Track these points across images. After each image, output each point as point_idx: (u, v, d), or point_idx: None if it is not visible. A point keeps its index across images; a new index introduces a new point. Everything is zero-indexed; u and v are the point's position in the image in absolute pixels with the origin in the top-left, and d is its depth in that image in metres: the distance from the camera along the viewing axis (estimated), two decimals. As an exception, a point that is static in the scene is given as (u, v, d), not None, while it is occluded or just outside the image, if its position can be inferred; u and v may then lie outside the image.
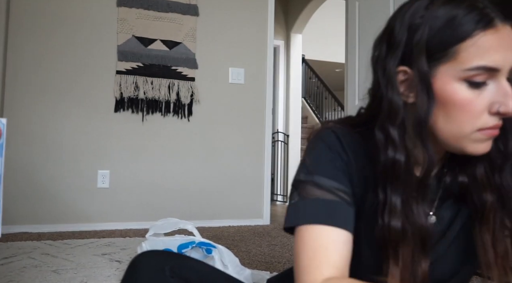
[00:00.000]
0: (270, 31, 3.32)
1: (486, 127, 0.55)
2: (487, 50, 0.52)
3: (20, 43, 2.70)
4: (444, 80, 0.55)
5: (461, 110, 0.54)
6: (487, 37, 0.52)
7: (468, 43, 0.52)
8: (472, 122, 0.54)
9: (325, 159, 0.62)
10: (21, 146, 2.67)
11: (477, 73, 0.53)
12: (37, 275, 1.68)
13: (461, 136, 0.56)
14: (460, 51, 0.53)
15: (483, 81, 0.54)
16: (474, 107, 0.54)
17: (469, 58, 0.53)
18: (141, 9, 2.96)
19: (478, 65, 0.52)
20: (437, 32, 0.54)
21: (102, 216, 2.82)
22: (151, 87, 2.95)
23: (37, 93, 2.73)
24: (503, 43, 0.53)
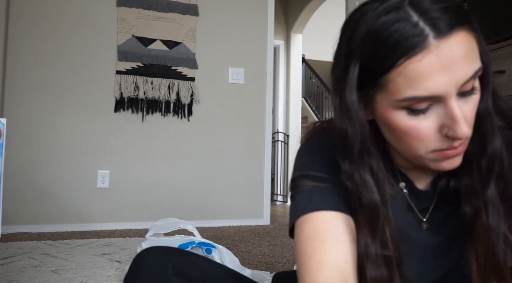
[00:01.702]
0: (270, 31, 3.31)
1: (441, 149, 0.50)
2: (415, 79, 0.46)
3: (19, 43, 2.69)
4: (383, 107, 0.51)
5: (407, 136, 0.51)
6: (413, 65, 0.45)
7: (393, 74, 0.47)
8: (423, 145, 0.51)
9: (317, 156, 0.61)
10: (21, 145, 2.67)
11: (412, 102, 0.48)
12: (36, 275, 1.68)
13: (417, 157, 0.53)
14: (388, 82, 0.48)
15: (425, 108, 0.49)
16: (419, 132, 0.50)
17: (398, 89, 0.47)
18: (141, 9, 2.95)
19: (409, 96, 0.47)
20: (366, 61, 0.50)
21: (102, 216, 2.81)
22: (151, 87, 2.95)
23: (37, 93, 2.72)
24: (437, 66, 0.45)
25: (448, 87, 0.46)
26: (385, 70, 0.48)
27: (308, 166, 0.61)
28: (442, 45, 0.45)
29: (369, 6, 0.50)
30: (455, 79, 0.46)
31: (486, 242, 0.54)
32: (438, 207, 0.61)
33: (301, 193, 0.59)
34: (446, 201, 0.60)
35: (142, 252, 0.71)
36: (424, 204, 0.62)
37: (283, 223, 3.23)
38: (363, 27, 0.49)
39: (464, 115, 0.48)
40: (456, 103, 0.48)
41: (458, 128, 0.47)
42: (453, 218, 0.61)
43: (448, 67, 0.45)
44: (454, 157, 0.52)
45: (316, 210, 0.55)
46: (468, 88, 0.49)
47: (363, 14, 0.50)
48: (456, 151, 0.51)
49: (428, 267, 0.62)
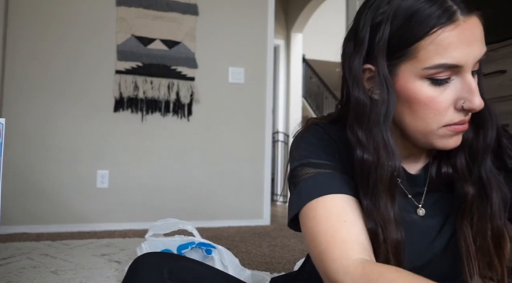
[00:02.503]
0: (270, 30, 3.31)
1: (452, 123, 0.54)
2: (446, 47, 0.51)
3: (18, 42, 2.69)
4: (406, 78, 0.54)
5: (425, 108, 0.54)
6: (446, 34, 0.51)
7: (426, 41, 0.51)
8: (437, 119, 0.54)
9: (315, 145, 0.63)
10: (20, 146, 2.66)
11: (438, 71, 0.52)
12: (35, 276, 1.67)
13: (428, 132, 0.56)
14: (419, 50, 0.52)
15: (446, 78, 0.53)
16: (438, 104, 0.53)
17: (428, 56, 0.51)
18: (140, 8, 2.94)
19: (438, 63, 0.51)
20: (396, 30, 0.53)
21: (101, 216, 2.81)
22: (150, 87, 2.94)
23: (36, 93, 2.72)
24: (464, 38, 0.51)
25: (469, 59, 0.51)
26: (418, 38, 0.51)
27: (308, 155, 0.62)
28: (467, 23, 0.51)
29: None
30: (474, 54, 0.52)
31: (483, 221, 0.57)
32: (430, 191, 0.64)
33: (305, 180, 0.59)
34: (438, 185, 0.64)
35: (139, 257, 0.72)
36: (418, 188, 0.64)
37: (284, 223, 3.22)
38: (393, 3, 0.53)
39: None
40: (472, 78, 0.53)
41: (475, 98, 0.52)
42: (444, 200, 0.64)
43: (470, 42, 0.51)
44: (460, 133, 0.56)
45: (327, 193, 0.56)
46: (477, 68, 0.54)
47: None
48: (464, 127, 0.55)
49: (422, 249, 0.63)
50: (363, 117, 0.56)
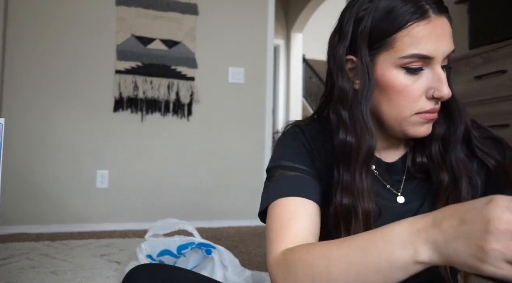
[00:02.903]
0: (270, 30, 3.30)
1: (423, 111, 0.60)
2: (420, 39, 0.57)
3: (18, 42, 2.68)
4: (384, 67, 0.60)
5: (399, 95, 0.60)
6: (420, 27, 0.57)
7: (403, 33, 0.58)
8: (410, 106, 0.60)
9: (290, 147, 0.70)
10: (19, 146, 2.66)
11: (412, 60, 0.58)
12: (35, 276, 1.67)
13: (401, 119, 0.61)
14: (396, 41, 0.58)
15: (419, 68, 0.59)
16: (411, 92, 0.59)
17: (404, 47, 0.58)
18: (140, 8, 2.94)
19: (412, 53, 0.58)
20: (377, 23, 0.60)
21: (101, 217, 2.80)
22: (150, 87, 2.93)
23: (35, 93, 2.71)
24: (435, 33, 0.58)
25: (439, 52, 0.58)
26: (395, 30, 0.58)
27: (280, 157, 0.69)
28: (437, 20, 0.58)
29: None
30: (444, 48, 0.59)
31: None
32: (409, 179, 0.69)
33: (273, 182, 0.67)
34: (414, 173, 0.69)
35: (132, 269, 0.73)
36: (396, 176, 0.70)
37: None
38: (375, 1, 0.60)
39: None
40: (442, 71, 0.59)
41: (443, 88, 0.58)
42: (421, 187, 0.69)
43: (440, 37, 0.58)
44: (430, 122, 0.62)
45: (287, 196, 0.62)
46: (446, 63, 0.61)
47: None
48: (434, 115, 0.61)
49: None
50: (346, 102, 0.63)
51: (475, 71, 1.87)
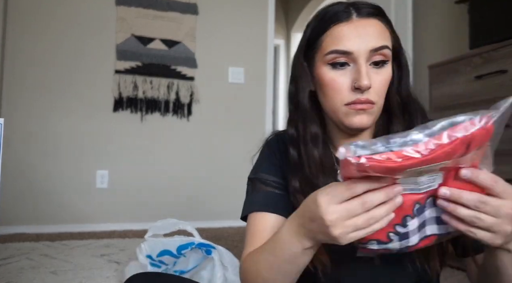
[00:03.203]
0: (271, 30, 3.30)
1: (351, 101, 0.66)
2: (339, 38, 0.66)
3: (17, 42, 2.68)
4: (318, 65, 0.70)
5: (328, 88, 0.68)
6: (340, 28, 0.66)
7: (326, 34, 0.68)
8: (339, 97, 0.67)
9: (265, 157, 0.82)
10: (19, 145, 2.66)
11: (334, 56, 0.66)
12: (35, 276, 1.67)
13: (335, 110, 0.69)
14: (322, 41, 0.68)
15: (343, 62, 0.67)
16: (337, 84, 0.67)
17: (327, 45, 0.67)
18: (140, 8, 2.94)
19: (332, 49, 0.66)
20: (312, 30, 0.71)
21: (101, 217, 2.80)
22: (150, 86, 2.93)
23: (35, 93, 2.71)
24: (355, 32, 0.65)
25: (360, 48, 0.65)
26: (322, 33, 0.68)
27: (259, 169, 0.81)
28: (360, 21, 0.66)
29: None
30: (365, 44, 0.65)
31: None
32: None
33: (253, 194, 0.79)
34: None
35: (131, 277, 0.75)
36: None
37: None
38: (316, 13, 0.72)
39: (373, 83, 0.66)
40: (364, 64, 0.65)
41: (361, 78, 0.64)
42: None
43: (361, 35, 0.65)
44: (362, 113, 0.67)
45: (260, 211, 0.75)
46: (378, 59, 0.66)
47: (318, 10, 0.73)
48: (362, 106, 0.66)
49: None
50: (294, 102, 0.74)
51: (475, 71, 1.86)
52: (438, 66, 2.11)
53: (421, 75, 2.59)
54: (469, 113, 0.45)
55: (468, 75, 1.91)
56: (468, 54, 1.93)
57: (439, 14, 2.60)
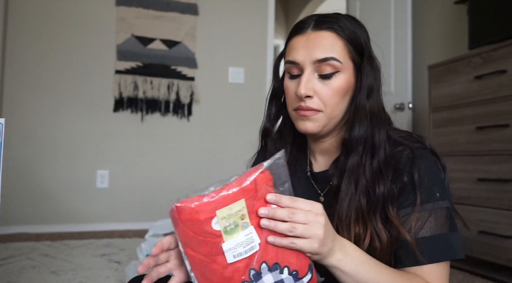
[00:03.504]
0: (270, 30, 3.30)
1: (296, 108, 0.73)
2: (292, 49, 0.73)
3: (18, 42, 2.68)
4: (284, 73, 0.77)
5: (286, 95, 0.76)
6: (294, 41, 0.73)
7: (287, 47, 0.75)
8: (290, 103, 0.75)
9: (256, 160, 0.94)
10: (20, 146, 2.66)
11: (289, 66, 0.74)
12: (35, 276, 1.67)
13: (290, 115, 0.77)
14: (284, 53, 0.76)
15: (297, 74, 0.73)
16: (289, 92, 0.75)
17: (286, 56, 0.75)
18: (140, 8, 2.94)
19: (287, 59, 0.74)
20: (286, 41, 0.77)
21: (101, 217, 2.80)
22: (150, 86, 2.93)
23: (36, 93, 2.71)
24: (305, 44, 0.71)
25: (306, 59, 0.71)
26: (286, 44, 0.76)
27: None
28: (313, 35, 0.71)
29: None
30: (311, 56, 0.70)
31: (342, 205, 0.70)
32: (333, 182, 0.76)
33: None
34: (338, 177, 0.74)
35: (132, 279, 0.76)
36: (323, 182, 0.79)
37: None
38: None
39: (319, 92, 0.71)
40: (307, 74, 0.71)
41: (299, 88, 0.70)
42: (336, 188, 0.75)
43: (311, 47, 0.71)
44: (306, 120, 0.72)
45: None
46: (325, 72, 0.70)
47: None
48: (304, 112, 0.72)
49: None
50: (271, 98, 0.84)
51: (475, 71, 1.87)
52: (438, 67, 2.11)
53: (421, 76, 2.59)
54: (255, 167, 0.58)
55: (468, 75, 1.91)
56: (468, 55, 1.94)
57: (438, 15, 2.61)
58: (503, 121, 1.73)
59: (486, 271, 1.85)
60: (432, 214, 0.65)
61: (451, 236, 0.65)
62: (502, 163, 1.72)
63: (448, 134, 2.01)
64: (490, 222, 1.76)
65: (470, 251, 1.84)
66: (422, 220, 0.65)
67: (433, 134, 2.10)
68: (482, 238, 1.78)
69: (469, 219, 1.84)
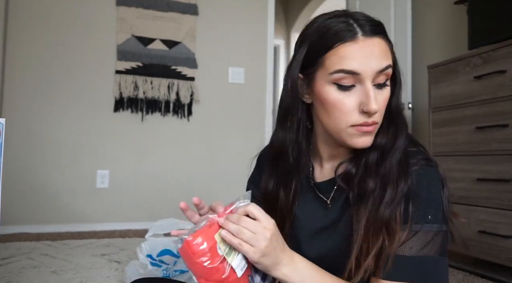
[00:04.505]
0: (270, 30, 3.31)
1: (357, 124, 0.66)
2: (345, 57, 0.64)
3: (18, 42, 2.69)
4: (320, 83, 0.68)
5: (334, 108, 0.67)
6: (346, 47, 0.64)
7: (331, 53, 0.65)
8: (344, 119, 0.66)
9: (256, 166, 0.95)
10: (20, 146, 2.66)
11: (340, 77, 0.65)
12: (36, 276, 1.67)
13: (339, 130, 0.68)
14: (325, 60, 0.66)
15: (350, 85, 0.65)
16: (343, 106, 0.66)
17: (331, 64, 0.65)
18: (140, 8, 2.94)
19: (337, 69, 0.64)
20: (313, 45, 0.68)
21: (101, 216, 2.81)
22: (150, 87, 2.94)
23: (36, 93, 2.71)
24: (361, 52, 0.64)
25: (367, 69, 0.64)
26: (325, 51, 0.66)
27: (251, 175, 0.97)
28: (366, 41, 0.64)
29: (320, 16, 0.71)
30: (371, 66, 0.64)
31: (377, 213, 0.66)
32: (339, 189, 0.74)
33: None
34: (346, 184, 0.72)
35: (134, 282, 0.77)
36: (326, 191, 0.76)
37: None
38: (315, 25, 0.69)
39: (378, 104, 0.65)
40: (371, 86, 0.65)
41: (371, 103, 0.64)
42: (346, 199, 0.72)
43: (368, 56, 0.64)
44: (367, 135, 0.67)
45: None
46: (381, 81, 0.66)
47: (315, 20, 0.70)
48: (368, 128, 0.66)
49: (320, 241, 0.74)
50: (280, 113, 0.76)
51: (475, 71, 1.87)
52: (438, 67, 2.11)
53: (421, 76, 2.59)
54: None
55: (467, 76, 1.91)
56: (467, 55, 1.94)
57: (438, 15, 2.61)
58: (503, 121, 1.73)
59: (486, 271, 1.85)
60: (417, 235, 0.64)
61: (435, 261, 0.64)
62: (502, 163, 1.72)
63: (448, 135, 2.02)
64: (489, 222, 1.76)
65: (470, 251, 1.84)
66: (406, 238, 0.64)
67: (433, 135, 2.11)
68: (481, 237, 1.79)
69: (468, 219, 1.84)
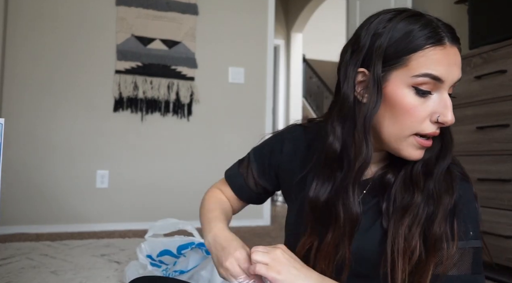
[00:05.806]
0: (270, 30, 3.30)
1: (423, 133, 0.63)
2: (434, 61, 0.60)
3: (18, 42, 2.68)
4: (395, 84, 0.63)
5: (405, 113, 0.62)
6: (436, 51, 0.61)
7: (419, 54, 0.61)
8: (413, 125, 0.62)
9: (265, 142, 0.94)
10: (19, 146, 2.66)
11: (423, 81, 0.61)
12: (35, 276, 1.67)
13: (400, 137, 0.64)
14: (411, 60, 0.61)
15: (428, 91, 0.62)
16: (417, 112, 0.62)
17: (418, 66, 0.61)
18: (140, 8, 2.94)
19: (425, 72, 0.60)
20: (394, 41, 0.62)
21: (101, 217, 2.80)
22: (150, 86, 2.93)
23: (35, 93, 2.71)
24: (448, 59, 0.61)
25: (449, 77, 0.61)
26: (413, 50, 0.61)
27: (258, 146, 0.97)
28: (451, 49, 0.62)
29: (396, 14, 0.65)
30: (453, 74, 0.62)
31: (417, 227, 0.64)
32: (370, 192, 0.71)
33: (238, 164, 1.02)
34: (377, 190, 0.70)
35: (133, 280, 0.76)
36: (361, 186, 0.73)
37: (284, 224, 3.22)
38: (398, 18, 0.64)
39: None
40: (448, 96, 0.62)
41: (449, 113, 0.61)
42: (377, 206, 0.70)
43: (452, 64, 0.62)
44: (423, 149, 0.65)
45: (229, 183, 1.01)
46: (451, 91, 0.64)
47: (392, 17, 0.65)
48: (428, 142, 0.64)
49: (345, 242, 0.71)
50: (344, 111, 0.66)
51: (475, 71, 1.87)
52: (438, 66, 2.10)
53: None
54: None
55: (468, 75, 1.91)
56: (468, 54, 1.93)
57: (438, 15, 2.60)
58: (503, 122, 1.73)
59: (486, 271, 1.85)
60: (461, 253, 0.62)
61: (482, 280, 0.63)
62: (502, 163, 1.72)
63: (448, 135, 2.01)
64: (490, 222, 1.76)
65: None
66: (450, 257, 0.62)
67: (433, 135, 2.10)
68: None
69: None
